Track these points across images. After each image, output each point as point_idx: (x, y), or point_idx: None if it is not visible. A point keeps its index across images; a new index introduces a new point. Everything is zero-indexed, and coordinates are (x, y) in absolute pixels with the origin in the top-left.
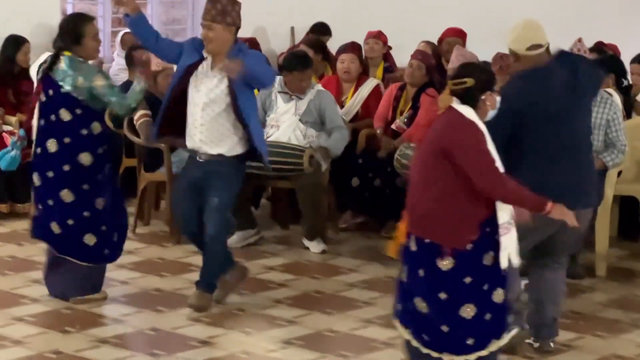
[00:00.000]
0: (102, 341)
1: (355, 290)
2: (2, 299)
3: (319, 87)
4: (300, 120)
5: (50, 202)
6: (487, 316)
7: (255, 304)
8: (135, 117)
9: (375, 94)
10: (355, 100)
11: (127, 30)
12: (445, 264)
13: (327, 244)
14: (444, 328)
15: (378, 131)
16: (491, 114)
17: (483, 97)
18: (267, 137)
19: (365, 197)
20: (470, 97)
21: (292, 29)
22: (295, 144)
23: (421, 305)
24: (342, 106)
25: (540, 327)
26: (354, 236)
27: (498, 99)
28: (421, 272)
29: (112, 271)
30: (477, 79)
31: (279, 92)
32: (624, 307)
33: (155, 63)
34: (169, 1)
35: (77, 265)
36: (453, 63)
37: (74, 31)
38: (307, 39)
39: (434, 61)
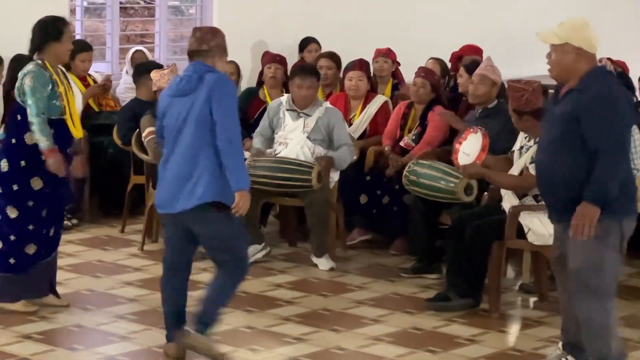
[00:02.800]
0: (110, 359)
1: (363, 307)
2: (11, 316)
3: (327, 104)
4: (308, 137)
5: None
6: None
7: (263, 321)
8: (144, 135)
9: (384, 111)
10: (363, 117)
11: (138, 47)
12: None
13: (335, 262)
14: None
15: (386, 149)
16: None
17: None
18: (276, 154)
19: (373, 215)
20: None
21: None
22: (303, 159)
23: None
24: (350, 124)
25: None
26: (362, 253)
27: None
28: None
29: (120, 288)
30: None
31: (287, 109)
32: (633, 325)
33: (167, 79)
34: (177, 18)
35: None
36: (481, 69)
37: (56, 27)
38: (328, 53)
39: (438, 77)
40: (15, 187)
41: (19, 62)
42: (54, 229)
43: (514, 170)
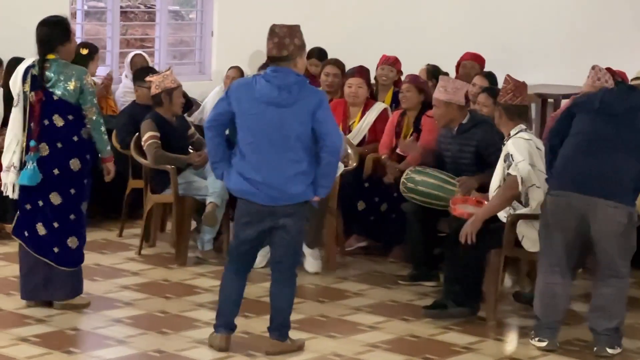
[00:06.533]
0: None
1: (360, 314)
2: (7, 319)
3: None
4: None
5: (40, 203)
6: None
7: (259, 326)
8: (144, 139)
9: (383, 118)
10: (362, 124)
11: (138, 51)
12: None
13: (332, 268)
14: None
15: (383, 157)
16: None
17: None
18: None
19: (371, 222)
20: None
21: None
22: None
23: None
24: (349, 130)
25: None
26: (359, 260)
27: None
28: None
29: (117, 292)
30: None
31: None
32: (629, 335)
33: (171, 80)
34: (177, 23)
35: (55, 269)
36: (435, 94)
37: (66, 26)
38: (335, 60)
39: (424, 80)
40: (85, 182)
41: (15, 65)
42: None
43: (495, 182)
